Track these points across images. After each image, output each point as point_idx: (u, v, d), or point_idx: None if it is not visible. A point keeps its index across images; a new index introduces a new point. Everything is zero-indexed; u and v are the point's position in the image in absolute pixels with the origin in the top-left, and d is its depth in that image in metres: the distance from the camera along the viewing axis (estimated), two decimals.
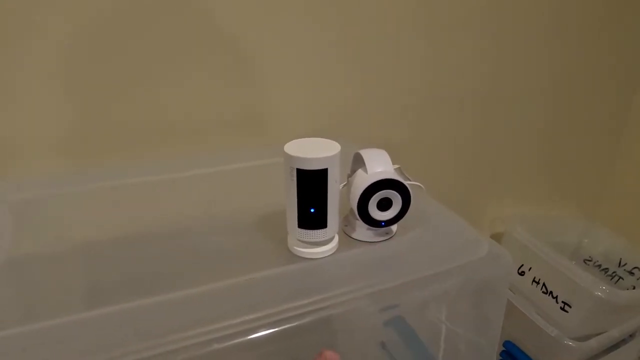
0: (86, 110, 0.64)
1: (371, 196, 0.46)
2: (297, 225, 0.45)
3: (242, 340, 0.39)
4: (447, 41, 0.83)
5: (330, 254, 0.47)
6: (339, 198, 0.46)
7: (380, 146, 0.51)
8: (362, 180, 0.47)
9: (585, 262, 1.08)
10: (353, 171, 0.50)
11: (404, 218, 0.49)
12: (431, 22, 0.80)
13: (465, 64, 0.87)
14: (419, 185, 0.56)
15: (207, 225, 0.55)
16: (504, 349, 0.94)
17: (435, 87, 0.86)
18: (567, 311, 0.87)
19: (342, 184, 0.50)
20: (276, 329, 0.40)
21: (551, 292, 0.90)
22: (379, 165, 0.48)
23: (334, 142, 0.45)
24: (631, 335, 0.92)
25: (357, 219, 0.49)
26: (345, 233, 0.51)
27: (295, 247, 0.47)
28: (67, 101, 0.63)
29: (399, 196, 0.47)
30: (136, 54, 0.64)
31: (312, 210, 0.44)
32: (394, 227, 0.52)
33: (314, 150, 0.43)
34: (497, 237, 1.05)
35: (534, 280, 0.93)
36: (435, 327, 0.56)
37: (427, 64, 0.83)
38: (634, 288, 0.96)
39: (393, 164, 0.50)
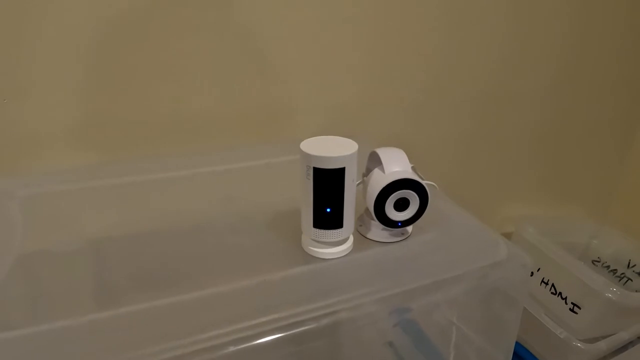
0: (101, 105, 0.63)
1: (388, 196, 0.45)
2: (312, 225, 0.44)
3: (256, 344, 0.38)
4: (461, 40, 0.82)
5: (345, 255, 0.47)
6: (355, 197, 0.44)
7: (389, 144, 0.50)
8: (379, 180, 0.46)
9: (593, 263, 1.07)
10: (369, 170, 0.49)
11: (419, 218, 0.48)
12: (447, 20, 0.79)
13: (475, 65, 0.85)
14: (434, 185, 0.55)
15: (222, 223, 0.54)
16: None
17: (445, 87, 0.85)
18: (576, 312, 0.86)
19: (357, 182, 0.49)
20: (290, 332, 0.39)
21: (560, 293, 0.89)
22: (397, 164, 0.47)
23: (351, 140, 0.44)
24: None
25: (373, 219, 0.48)
26: (360, 233, 0.50)
27: (310, 247, 0.46)
28: (82, 96, 0.62)
29: (416, 196, 0.46)
30: (152, 51, 0.62)
31: (328, 209, 0.43)
32: (410, 228, 0.51)
33: (331, 149, 0.42)
34: (506, 237, 1.04)
35: (543, 281, 0.92)
36: (447, 330, 0.55)
37: (438, 64, 0.82)
38: None
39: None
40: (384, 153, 0.47)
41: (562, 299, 0.89)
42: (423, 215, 0.48)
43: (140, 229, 0.52)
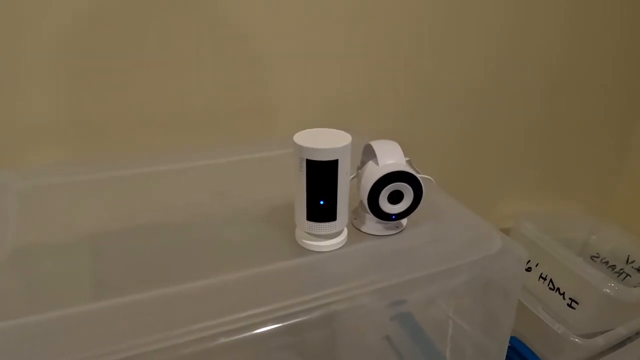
0: (95, 99, 0.63)
1: (382, 189, 0.45)
2: (305, 218, 0.44)
3: (249, 335, 0.38)
4: (458, 35, 0.81)
5: (339, 247, 0.46)
6: (349, 190, 0.44)
7: (386, 139, 0.49)
8: (373, 172, 0.45)
9: (592, 259, 1.07)
10: (363, 163, 0.49)
11: (414, 211, 0.48)
12: (443, 16, 0.78)
13: (473, 60, 0.85)
14: (429, 179, 0.54)
15: (216, 216, 0.54)
16: (509, 344, 0.93)
17: (443, 82, 0.85)
18: (574, 308, 0.86)
19: (352, 176, 0.48)
20: (283, 324, 0.39)
21: (558, 289, 0.89)
22: (391, 157, 0.46)
23: (345, 132, 0.44)
24: (638, 333, 0.91)
25: (367, 212, 0.47)
26: (354, 226, 0.50)
27: (304, 240, 0.46)
28: (77, 90, 0.62)
29: (410, 189, 0.46)
30: (146, 44, 0.62)
31: (321, 202, 0.43)
32: (404, 221, 0.50)
33: (325, 141, 0.42)
34: (504, 233, 1.04)
35: (541, 277, 0.92)
36: (443, 323, 0.55)
37: (436, 58, 0.82)
38: None
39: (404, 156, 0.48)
40: (378, 145, 0.47)
41: (560, 294, 0.88)
42: (418, 209, 0.48)
43: (134, 223, 0.52)
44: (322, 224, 0.44)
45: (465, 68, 0.85)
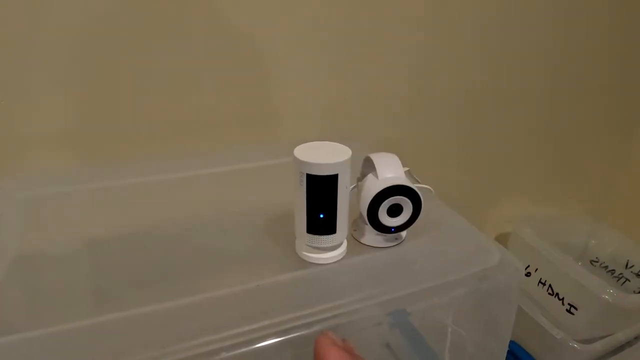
0: (96, 107, 0.63)
1: (381, 202, 0.46)
2: (305, 230, 0.45)
3: (250, 349, 0.38)
4: (453, 40, 0.81)
5: (339, 260, 0.47)
6: (348, 203, 0.45)
7: (387, 145, 0.50)
8: (372, 186, 0.46)
9: (591, 263, 1.07)
10: (363, 175, 0.49)
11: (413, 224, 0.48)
12: (441, 20, 0.79)
13: (469, 64, 0.85)
14: (429, 189, 0.55)
15: (217, 226, 0.54)
16: (508, 349, 0.93)
17: (440, 88, 0.85)
18: (573, 313, 0.86)
19: (352, 186, 0.49)
20: (284, 338, 0.39)
21: (557, 294, 0.89)
22: (390, 170, 0.47)
23: (345, 146, 0.44)
24: (637, 338, 0.91)
25: (367, 224, 0.48)
26: (354, 237, 0.51)
27: (304, 252, 0.47)
28: (77, 97, 0.62)
29: (409, 202, 0.46)
30: (147, 50, 0.62)
31: (321, 215, 0.44)
32: (403, 233, 0.51)
33: (325, 155, 0.42)
34: (503, 238, 1.04)
35: (540, 282, 0.93)
36: (443, 332, 0.56)
37: (434, 64, 0.82)
38: None
39: (403, 166, 0.49)
40: (377, 158, 0.47)
41: (559, 299, 0.89)
42: (417, 220, 0.48)
43: (132, 232, 0.52)
44: (322, 236, 0.45)
45: (465, 71, 0.85)
